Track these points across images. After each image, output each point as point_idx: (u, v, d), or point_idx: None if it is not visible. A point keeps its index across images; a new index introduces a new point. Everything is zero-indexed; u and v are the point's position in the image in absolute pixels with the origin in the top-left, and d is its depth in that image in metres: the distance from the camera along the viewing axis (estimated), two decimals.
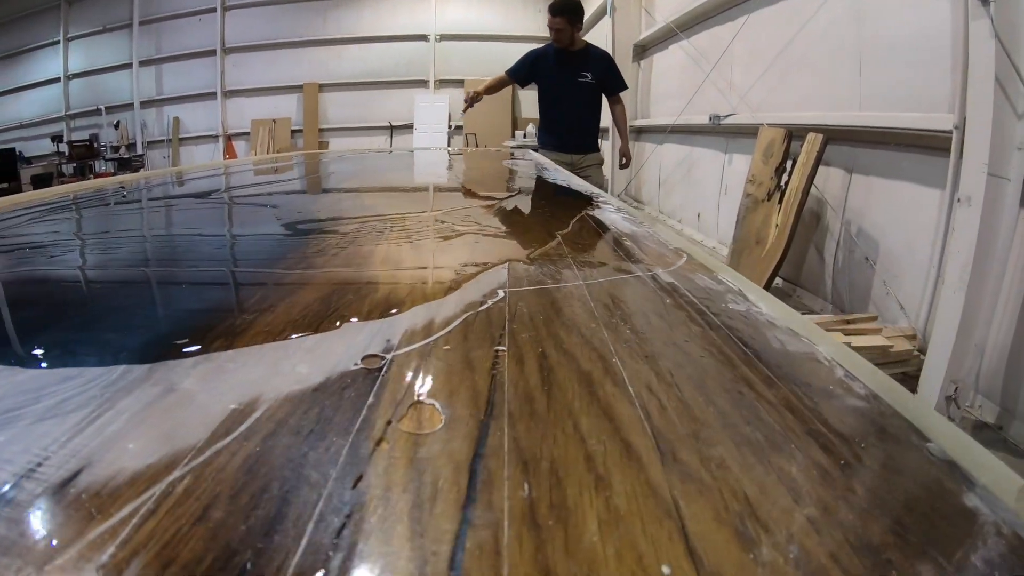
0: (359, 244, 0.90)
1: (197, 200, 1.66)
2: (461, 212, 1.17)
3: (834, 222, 3.98)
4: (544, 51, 3.92)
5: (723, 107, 5.59)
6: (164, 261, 0.94)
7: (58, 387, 0.47)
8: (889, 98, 3.38)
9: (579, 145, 4.01)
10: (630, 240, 0.96)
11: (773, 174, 4.21)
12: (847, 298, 3.83)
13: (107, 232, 1.22)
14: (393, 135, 13.29)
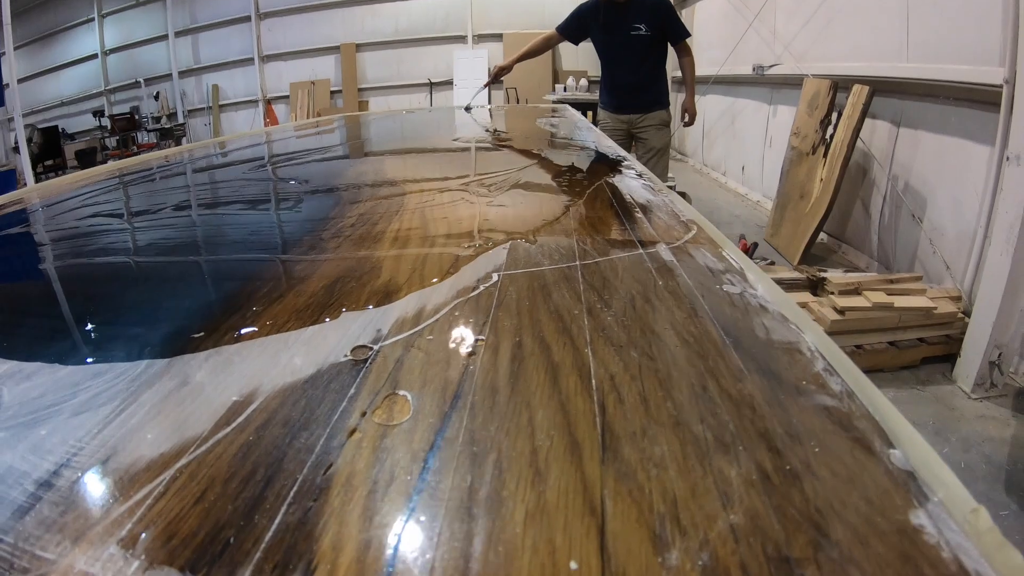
0: (371, 223, 0.90)
1: (227, 177, 1.69)
2: (476, 182, 1.13)
3: (881, 177, 3.82)
4: (593, 4, 3.53)
5: (767, 57, 5.37)
6: (189, 247, 0.96)
7: (91, 382, 0.53)
8: (937, 49, 3.21)
9: (635, 104, 3.64)
10: (641, 211, 0.91)
11: (818, 127, 4.06)
12: (893, 255, 3.71)
13: (142, 213, 1.26)
14: (433, 91, 13.20)
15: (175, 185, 1.54)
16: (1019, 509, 1.94)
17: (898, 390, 2.60)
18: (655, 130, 3.63)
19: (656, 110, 3.61)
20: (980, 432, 2.32)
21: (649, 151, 3.60)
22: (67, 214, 1.20)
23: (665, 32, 3.50)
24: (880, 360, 2.70)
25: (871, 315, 2.68)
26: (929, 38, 3.28)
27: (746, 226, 4.98)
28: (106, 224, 1.13)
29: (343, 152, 1.91)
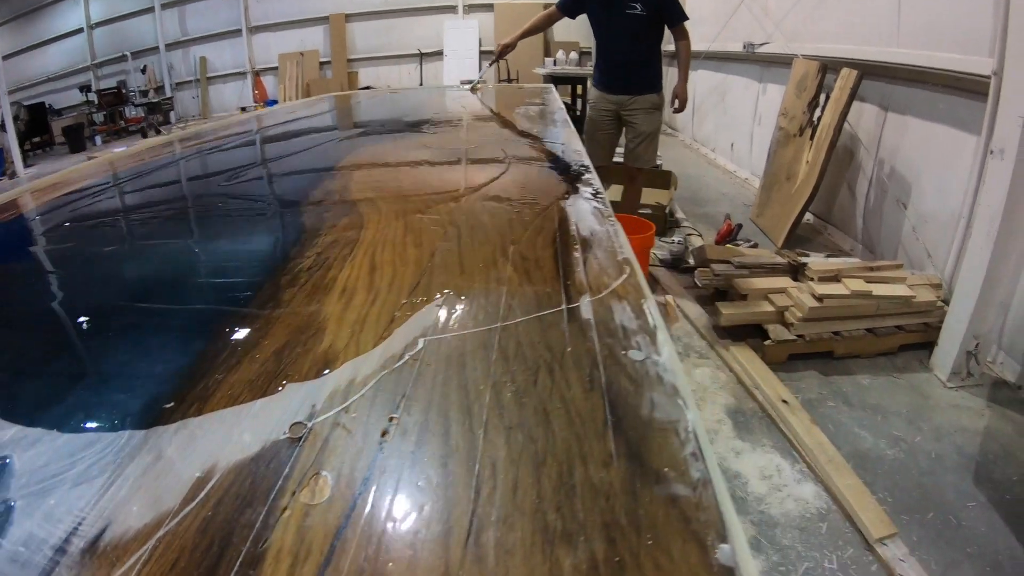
0: (326, 267, 0.90)
1: (186, 194, 1.62)
2: (434, 206, 1.09)
3: (867, 160, 3.84)
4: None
5: (758, 35, 5.32)
6: (157, 289, 0.96)
7: (85, 453, 0.58)
8: (928, 35, 3.19)
9: (625, 85, 3.56)
10: (581, 249, 0.89)
11: (806, 108, 4.05)
12: (877, 239, 3.74)
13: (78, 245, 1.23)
14: (423, 63, 13.02)
15: (106, 209, 1.44)
16: (986, 501, 1.98)
17: (874, 377, 2.64)
18: (644, 114, 3.57)
19: (647, 93, 3.55)
20: (953, 422, 2.37)
21: (638, 136, 3.57)
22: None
23: (662, 14, 3.42)
24: (857, 347, 2.74)
25: (849, 302, 2.71)
26: (921, 23, 3.26)
27: (733, 205, 5.00)
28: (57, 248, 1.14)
29: (303, 164, 1.85)
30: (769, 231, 4.21)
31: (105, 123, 11.35)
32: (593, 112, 3.70)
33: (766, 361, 2.68)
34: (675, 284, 3.43)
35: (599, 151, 3.73)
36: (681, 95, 3.66)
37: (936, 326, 2.75)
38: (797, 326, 2.69)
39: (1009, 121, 2.31)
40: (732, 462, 2.20)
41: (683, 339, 2.89)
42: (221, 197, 1.35)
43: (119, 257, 1.11)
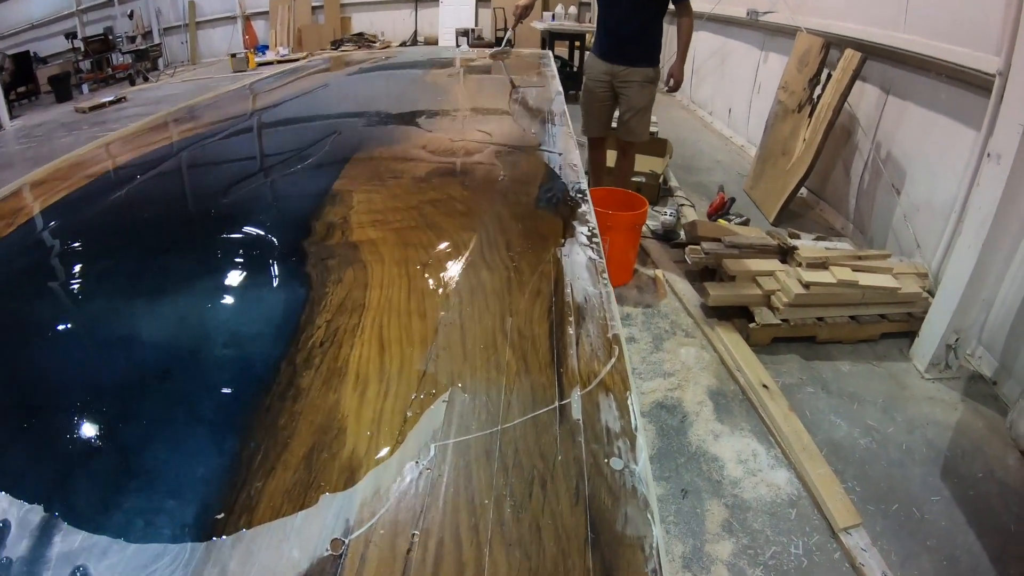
0: (336, 343, 0.90)
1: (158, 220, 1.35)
2: (426, 262, 1.02)
3: (864, 142, 3.83)
4: None
5: (762, 2, 5.20)
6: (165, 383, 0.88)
7: (155, 565, 0.63)
8: (935, 24, 3.13)
9: (621, 55, 3.45)
10: (574, 322, 0.91)
11: (806, 85, 4.02)
12: (868, 220, 3.77)
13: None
14: (419, 8, 12.67)
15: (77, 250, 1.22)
16: (950, 496, 2.07)
17: (854, 363, 2.71)
18: (638, 87, 3.48)
19: (642, 66, 3.46)
20: (927, 414, 2.45)
21: (630, 109, 3.51)
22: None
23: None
24: (840, 333, 2.81)
25: (836, 291, 2.76)
26: (929, 11, 3.21)
27: (727, 174, 4.99)
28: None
29: (295, 181, 1.48)
30: (762, 204, 4.23)
31: (92, 71, 11.03)
32: (588, 80, 3.62)
33: (750, 343, 2.74)
34: (666, 257, 3.47)
35: (594, 123, 3.70)
36: (677, 75, 3.57)
37: (919, 316, 2.81)
38: (783, 311, 2.74)
39: (1009, 128, 2.30)
40: (711, 445, 2.28)
41: (670, 316, 2.94)
42: (211, 227, 1.21)
43: (111, 317, 1.00)
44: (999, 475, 2.16)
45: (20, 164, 6.57)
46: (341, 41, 12.04)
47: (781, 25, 4.88)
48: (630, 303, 3.04)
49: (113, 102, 9.32)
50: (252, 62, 11.09)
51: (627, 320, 2.89)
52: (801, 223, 4.06)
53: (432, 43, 12.57)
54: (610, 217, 2.96)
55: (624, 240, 3.08)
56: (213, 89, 2.38)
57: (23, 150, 7.38)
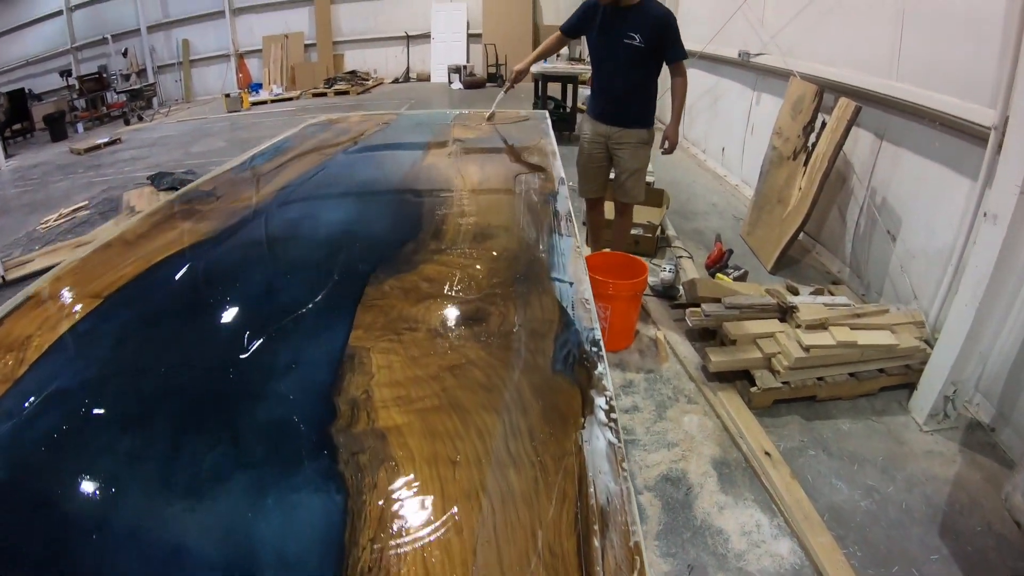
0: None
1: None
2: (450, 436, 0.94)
3: (859, 188, 3.83)
4: (595, 1, 3.28)
5: (753, 43, 5.25)
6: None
7: None
8: (928, 74, 3.15)
9: (615, 116, 3.41)
10: (599, 531, 0.82)
11: (801, 132, 4.03)
12: (865, 265, 3.76)
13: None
14: (410, 45, 12.80)
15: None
16: (949, 555, 2.06)
17: (854, 421, 2.70)
18: (632, 149, 3.45)
19: (636, 127, 3.42)
20: (925, 470, 2.44)
21: (624, 171, 3.48)
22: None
23: (660, 48, 3.24)
24: (840, 391, 2.79)
25: (835, 351, 2.75)
26: (921, 61, 3.23)
27: (723, 217, 4.99)
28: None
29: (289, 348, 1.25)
30: (759, 252, 4.21)
31: (87, 110, 11.08)
32: (584, 141, 3.59)
33: (752, 406, 2.71)
34: (666, 316, 3.43)
35: (590, 185, 3.67)
36: (671, 137, 3.47)
37: (917, 368, 2.80)
38: (784, 373, 2.72)
39: (1006, 189, 2.29)
40: (716, 518, 2.25)
41: (673, 381, 2.90)
42: (226, 403, 1.06)
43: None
44: (996, 528, 2.17)
45: (16, 210, 6.55)
46: (334, 79, 12.14)
47: (773, 67, 4.92)
48: (632, 369, 3.00)
49: (108, 143, 9.33)
50: (246, 102, 11.14)
51: (630, 388, 2.85)
52: (798, 269, 4.05)
53: (424, 79, 12.71)
54: (611, 286, 2.94)
55: (625, 307, 3.05)
56: (207, 132, 2.33)
57: (19, 194, 7.35)
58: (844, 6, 3.98)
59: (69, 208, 6.28)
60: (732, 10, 5.51)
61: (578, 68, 7.13)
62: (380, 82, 12.68)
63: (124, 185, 6.82)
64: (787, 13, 4.68)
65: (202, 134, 9.53)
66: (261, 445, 0.93)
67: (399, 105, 10.36)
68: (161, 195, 6.16)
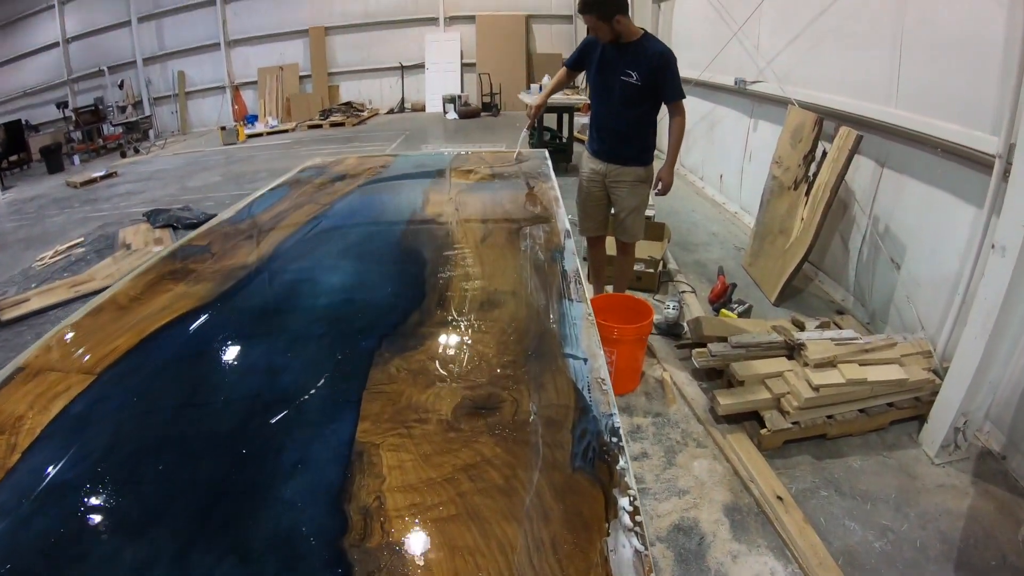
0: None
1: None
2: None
3: (861, 215, 3.81)
4: (595, 38, 3.24)
5: (749, 70, 5.27)
6: None
7: None
8: (928, 100, 3.13)
9: (612, 154, 3.38)
10: None
11: (801, 161, 4.01)
12: (869, 293, 3.72)
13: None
14: (404, 76, 12.88)
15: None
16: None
17: (864, 457, 2.65)
18: (629, 187, 3.40)
19: (633, 165, 3.37)
20: (939, 504, 2.39)
21: (623, 209, 3.45)
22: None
23: (657, 87, 3.17)
24: (850, 428, 2.74)
25: (845, 389, 2.70)
26: (920, 86, 3.22)
27: (724, 247, 4.97)
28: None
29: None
30: (762, 284, 4.18)
31: (83, 142, 11.11)
32: (583, 179, 3.56)
33: (762, 448, 2.66)
34: (672, 355, 3.38)
35: (590, 222, 3.65)
36: (665, 179, 3.35)
37: (926, 400, 2.76)
38: (793, 414, 2.67)
39: (1015, 220, 2.27)
40: (730, 567, 2.18)
41: (681, 425, 2.84)
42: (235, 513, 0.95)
43: None
44: (1012, 561, 2.13)
45: (12, 245, 6.51)
46: (329, 111, 12.20)
47: (769, 95, 4.93)
48: (639, 412, 2.94)
49: (105, 177, 9.33)
50: (242, 134, 11.18)
51: (638, 434, 2.79)
52: (802, 299, 4.02)
53: (419, 110, 12.78)
54: (616, 330, 2.89)
55: (631, 351, 3.00)
56: (204, 166, 2.26)
57: (15, 228, 7.32)
58: (840, 31, 3.99)
59: (65, 245, 6.25)
60: (727, 36, 5.54)
61: (574, 99, 7.14)
62: (375, 113, 12.74)
63: (120, 221, 6.79)
64: (783, 38, 4.70)
65: (198, 168, 9.54)
66: (270, 561, 0.87)
67: (395, 136, 10.41)
68: (157, 232, 6.16)
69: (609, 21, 3.06)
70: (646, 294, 4.07)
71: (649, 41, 3.18)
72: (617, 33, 3.11)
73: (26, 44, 12.64)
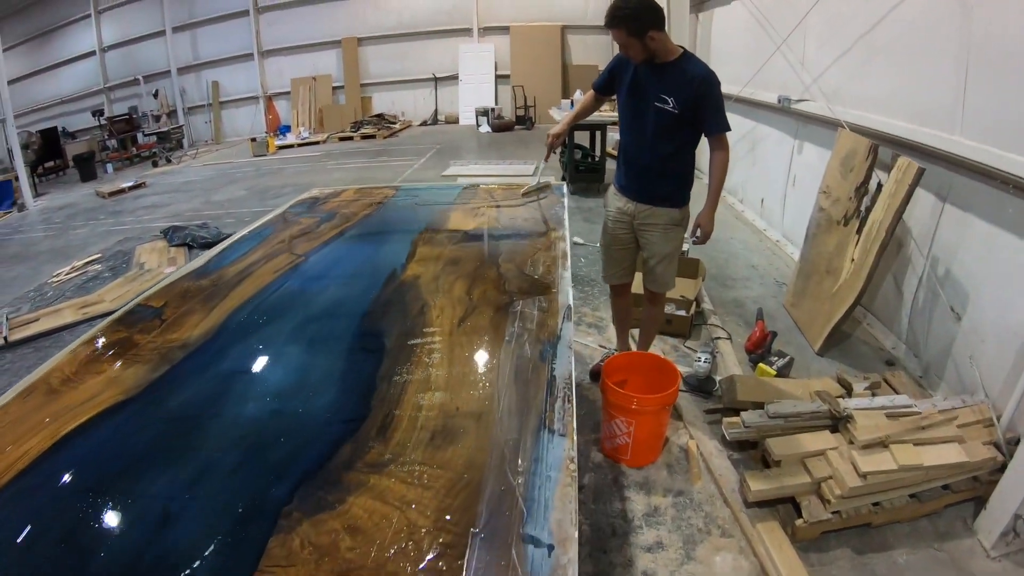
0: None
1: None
2: None
3: (917, 254, 3.36)
4: (629, 57, 2.74)
5: (794, 87, 4.85)
6: None
7: None
8: (998, 128, 2.71)
9: (641, 192, 2.89)
10: None
11: (853, 193, 3.58)
12: (923, 344, 3.28)
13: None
14: (438, 87, 12.70)
15: None
16: None
17: (913, 551, 2.26)
18: (661, 232, 2.90)
19: (666, 206, 2.86)
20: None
21: (653, 256, 2.97)
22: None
23: (697, 116, 2.65)
24: (898, 515, 2.35)
25: (897, 475, 2.30)
26: (990, 113, 2.79)
27: (764, 282, 4.54)
28: None
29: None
30: (805, 328, 3.75)
31: (117, 150, 11.21)
32: (608, 219, 3.07)
33: (795, 538, 2.27)
34: (700, 417, 2.97)
35: (615, 268, 3.16)
36: (705, 225, 2.83)
37: (986, 479, 2.37)
38: (835, 503, 2.27)
39: None
40: None
41: (704, 507, 2.46)
42: None
43: None
44: None
45: (34, 257, 6.53)
46: (361, 123, 12.08)
47: (816, 115, 4.50)
48: (659, 490, 2.53)
49: (133, 187, 9.37)
50: (272, 146, 11.12)
51: (655, 517, 2.39)
52: (848, 346, 3.58)
53: (453, 122, 12.58)
54: (636, 401, 2.51)
55: (652, 421, 2.61)
56: (231, 178, 2.06)
57: (41, 238, 7.37)
58: (897, 46, 3.54)
59: (82, 261, 6.21)
60: (770, 49, 5.13)
61: (607, 116, 6.77)
62: (408, 125, 12.58)
63: (140, 236, 6.75)
64: (831, 52, 4.27)
65: (225, 180, 9.50)
66: None
67: (424, 151, 10.20)
68: (172, 251, 6.03)
69: (641, 37, 2.54)
70: (677, 339, 3.67)
71: (689, 62, 2.65)
72: (651, 52, 2.60)
73: (64, 52, 12.94)
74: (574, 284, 4.61)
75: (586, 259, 5.04)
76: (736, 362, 3.36)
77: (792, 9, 4.80)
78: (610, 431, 2.60)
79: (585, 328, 3.91)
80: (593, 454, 2.72)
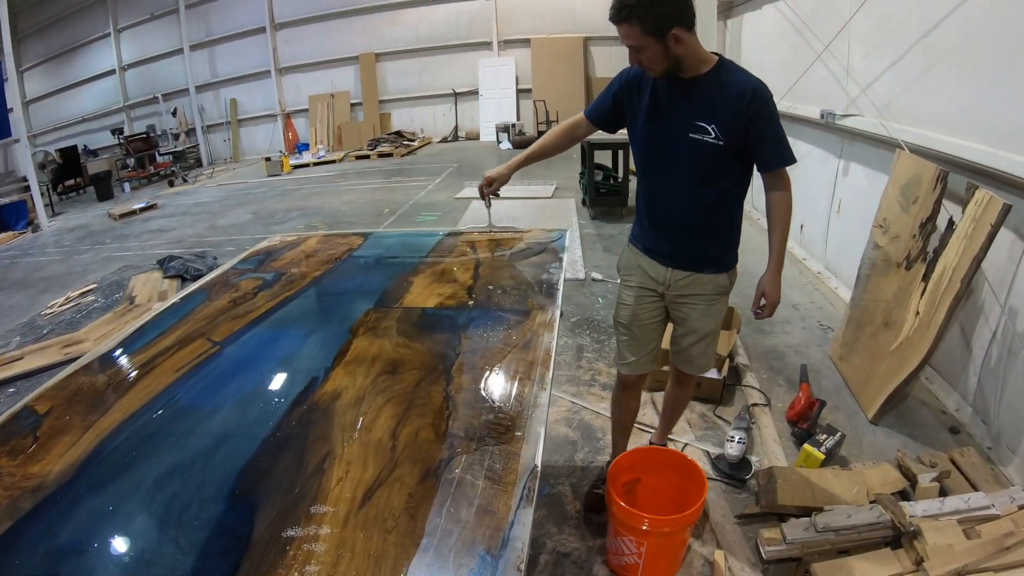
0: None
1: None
2: None
3: (991, 303, 2.79)
4: (641, 71, 1.95)
5: (837, 99, 4.28)
6: None
7: None
8: None
9: (679, 255, 2.10)
10: None
11: (917, 231, 2.99)
12: (995, 408, 2.72)
13: None
14: (458, 103, 12.34)
15: None
16: None
17: None
18: (705, 304, 2.14)
19: (711, 271, 2.10)
20: None
21: (691, 333, 2.21)
22: None
23: (751, 147, 1.90)
24: None
25: None
26: None
27: (806, 326, 3.96)
28: None
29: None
30: (857, 390, 3.17)
31: (135, 169, 11.12)
32: (626, 290, 2.26)
33: None
34: (728, 518, 2.38)
35: (638, 354, 2.28)
36: (771, 294, 2.08)
37: None
38: None
39: None
40: None
41: None
42: None
43: None
44: None
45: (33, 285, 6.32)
46: (378, 141, 11.78)
47: (864, 132, 3.94)
48: None
49: (144, 209, 9.22)
50: (287, 166, 10.88)
51: None
52: (905, 409, 3.00)
53: (473, 138, 12.22)
54: (648, 522, 1.91)
55: (669, 544, 2.04)
56: (241, 200, 1.76)
57: (45, 263, 7.23)
58: (963, 51, 2.95)
59: (76, 292, 5.99)
60: (809, 58, 4.58)
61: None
62: (428, 142, 12.25)
63: (140, 264, 6.52)
64: (881, 60, 3.69)
65: (234, 203, 9.28)
66: None
67: (441, 170, 9.84)
68: (165, 284, 5.73)
69: (663, 37, 1.76)
70: (707, 406, 3.11)
71: (730, 73, 1.88)
72: (676, 59, 1.81)
73: (85, 71, 13.03)
74: (588, 331, 4.14)
75: (604, 299, 4.51)
76: (776, 436, 2.81)
77: (833, 11, 4.26)
78: (617, 547, 2.05)
79: (599, 390, 3.34)
80: (596, 568, 2.19)
